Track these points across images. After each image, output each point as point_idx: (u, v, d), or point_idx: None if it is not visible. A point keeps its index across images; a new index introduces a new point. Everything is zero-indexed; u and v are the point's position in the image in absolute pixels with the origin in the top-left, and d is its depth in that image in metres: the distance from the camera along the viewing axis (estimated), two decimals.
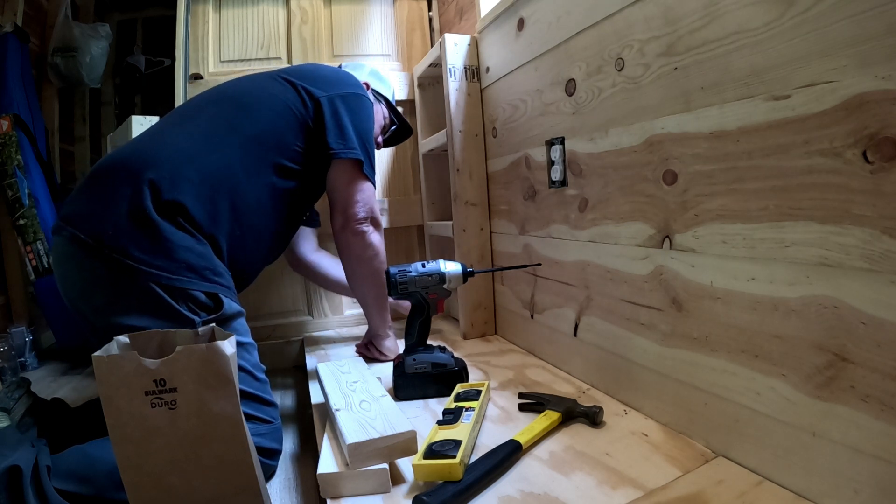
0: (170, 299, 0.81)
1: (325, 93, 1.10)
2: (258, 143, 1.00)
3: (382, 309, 1.24)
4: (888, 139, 0.48)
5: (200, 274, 0.85)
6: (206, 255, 0.88)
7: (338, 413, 0.78)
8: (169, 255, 0.82)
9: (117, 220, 0.81)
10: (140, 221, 0.82)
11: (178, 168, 0.88)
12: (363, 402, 0.82)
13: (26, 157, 1.79)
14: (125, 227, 0.81)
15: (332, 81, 1.14)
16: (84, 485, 0.70)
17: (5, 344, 1.60)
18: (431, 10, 1.81)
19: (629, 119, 0.83)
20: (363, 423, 0.73)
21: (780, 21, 0.57)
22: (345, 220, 1.14)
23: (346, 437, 0.69)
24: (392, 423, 0.72)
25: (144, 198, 0.83)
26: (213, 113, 1.01)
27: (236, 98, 1.04)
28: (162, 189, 0.84)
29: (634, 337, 0.86)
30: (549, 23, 1.03)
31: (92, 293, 0.83)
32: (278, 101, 1.06)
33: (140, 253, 0.80)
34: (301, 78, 1.11)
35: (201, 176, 0.90)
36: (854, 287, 0.52)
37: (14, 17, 1.90)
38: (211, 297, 0.86)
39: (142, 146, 0.94)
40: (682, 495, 0.61)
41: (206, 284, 0.85)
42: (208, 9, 1.60)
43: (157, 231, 0.82)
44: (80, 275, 0.83)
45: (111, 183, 0.85)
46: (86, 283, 0.83)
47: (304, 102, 1.08)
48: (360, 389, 0.87)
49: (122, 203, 0.82)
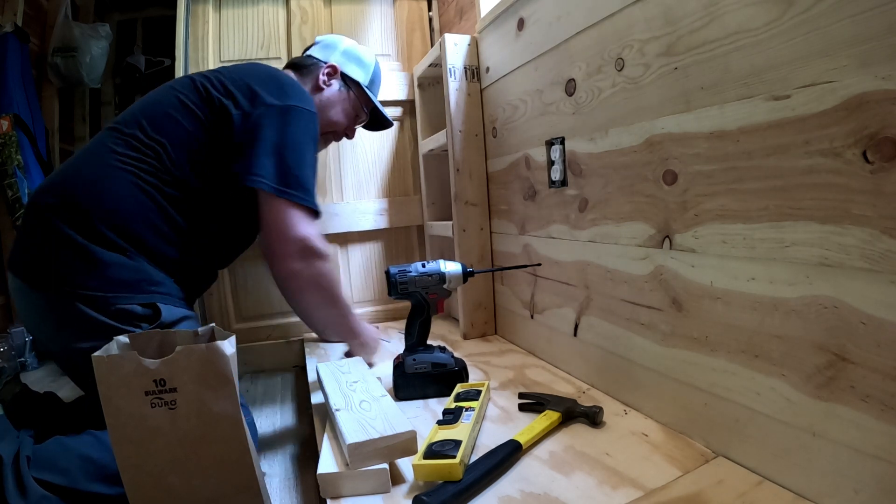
0: (106, 318, 0.83)
1: (251, 108, 0.97)
2: (170, 177, 0.93)
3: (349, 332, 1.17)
4: (888, 139, 0.48)
5: (135, 287, 0.87)
6: (140, 268, 0.88)
7: (338, 413, 0.77)
8: (100, 274, 0.84)
9: (45, 250, 0.85)
10: (66, 248, 0.84)
11: (94, 198, 0.88)
12: (363, 402, 0.81)
13: (26, 157, 1.79)
14: (56, 256, 0.84)
15: (272, 90, 1.00)
16: (60, 475, 0.72)
17: (5, 344, 1.60)
18: (431, 10, 1.81)
19: (629, 119, 0.83)
20: (363, 424, 0.72)
21: (780, 21, 0.57)
22: (273, 261, 1.03)
23: (346, 437, 0.69)
24: (392, 423, 0.72)
25: (63, 227, 0.85)
26: (127, 140, 0.94)
27: (153, 121, 0.95)
28: (80, 218, 0.86)
29: (634, 337, 0.86)
30: (549, 23, 1.03)
31: (41, 325, 0.88)
32: (194, 122, 0.96)
33: (73, 277, 0.83)
34: (221, 85, 1.00)
35: (118, 206, 0.88)
36: (854, 287, 0.52)
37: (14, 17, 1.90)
38: (149, 307, 0.87)
39: (59, 178, 0.93)
40: (682, 495, 0.61)
41: (142, 296, 0.87)
42: (208, 9, 1.60)
43: (85, 254, 0.84)
44: (29, 309, 0.88)
45: (32, 218, 0.88)
46: (36, 316, 0.88)
47: (215, 114, 0.97)
48: (361, 389, 0.87)
49: (45, 235, 0.85)
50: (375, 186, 1.72)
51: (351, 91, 1.24)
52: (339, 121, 1.24)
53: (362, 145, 1.70)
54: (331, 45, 1.24)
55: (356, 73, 1.24)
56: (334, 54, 1.23)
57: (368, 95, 1.26)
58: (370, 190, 1.71)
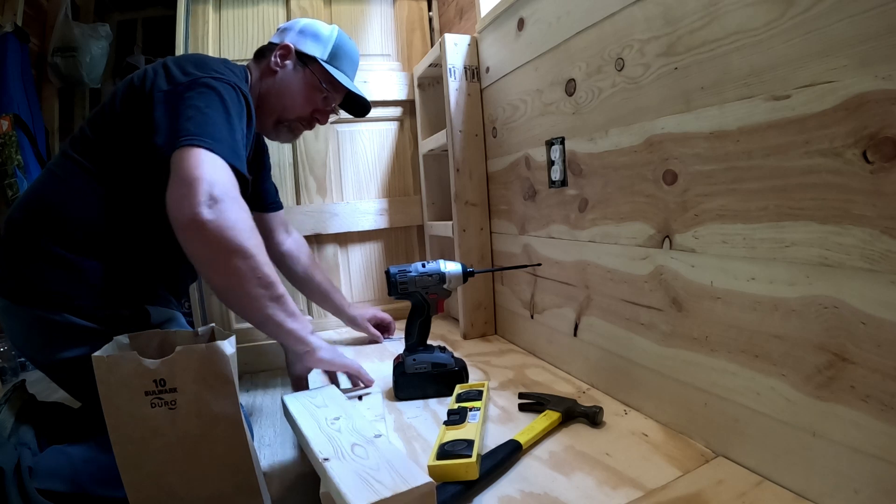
0: (93, 324, 0.82)
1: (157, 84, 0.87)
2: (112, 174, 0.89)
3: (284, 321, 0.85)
4: (888, 139, 0.48)
5: (119, 292, 0.86)
6: (121, 272, 0.88)
7: (327, 464, 0.62)
8: (82, 282, 0.84)
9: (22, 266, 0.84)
10: (42, 260, 0.83)
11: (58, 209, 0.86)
12: (355, 445, 0.66)
13: (26, 157, 1.79)
14: (36, 269, 0.83)
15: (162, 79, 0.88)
16: (66, 483, 0.71)
17: (5, 344, 1.60)
18: (431, 10, 1.81)
19: (629, 119, 0.83)
20: (365, 477, 0.58)
21: (780, 21, 0.57)
22: (176, 222, 0.76)
23: (348, 499, 0.54)
24: (401, 473, 0.58)
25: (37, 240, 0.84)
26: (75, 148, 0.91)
27: (91, 128, 0.91)
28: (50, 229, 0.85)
29: (634, 337, 0.86)
30: (549, 23, 1.03)
31: (28, 338, 0.87)
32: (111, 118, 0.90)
33: (56, 287, 0.82)
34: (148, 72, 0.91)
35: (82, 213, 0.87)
36: (854, 287, 0.52)
37: (14, 17, 1.90)
38: (136, 310, 0.87)
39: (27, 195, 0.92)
40: (682, 495, 0.61)
41: (128, 300, 0.87)
42: (208, 9, 1.60)
43: (64, 264, 0.83)
44: (16, 325, 0.87)
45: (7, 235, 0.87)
46: (21, 329, 0.87)
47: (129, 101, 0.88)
48: (346, 428, 0.72)
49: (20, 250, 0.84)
50: (375, 186, 1.72)
51: (308, 68, 1.09)
52: (300, 104, 1.10)
53: (362, 145, 1.70)
54: (288, 28, 1.13)
55: (312, 48, 1.10)
56: (290, 34, 1.11)
57: (326, 69, 1.10)
58: (370, 190, 1.71)
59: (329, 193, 1.66)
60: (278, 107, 1.08)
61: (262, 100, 1.08)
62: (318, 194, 1.65)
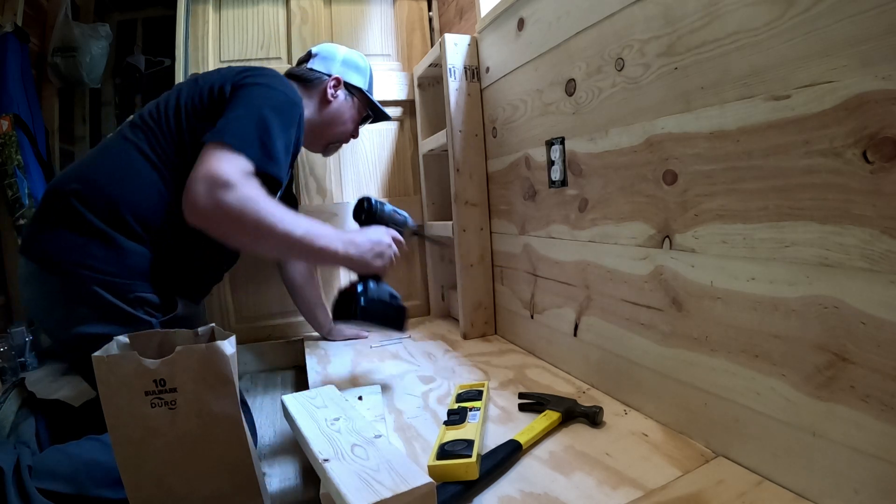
0: (123, 304, 0.84)
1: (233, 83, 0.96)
2: (182, 165, 0.91)
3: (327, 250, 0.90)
4: (888, 139, 0.48)
5: (153, 277, 0.88)
6: (158, 261, 0.90)
7: (327, 465, 0.63)
8: (120, 261, 0.85)
9: (65, 235, 0.85)
10: (89, 234, 0.85)
11: (114, 187, 0.89)
12: (355, 446, 0.67)
13: (26, 157, 1.79)
14: (75, 241, 0.84)
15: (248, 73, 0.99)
16: (67, 483, 0.71)
17: (5, 344, 1.60)
18: (431, 10, 1.81)
19: (629, 119, 0.83)
20: (365, 478, 0.58)
21: (780, 21, 0.57)
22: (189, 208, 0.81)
23: (348, 499, 0.55)
24: (401, 473, 0.59)
25: (86, 213, 0.85)
26: (143, 134, 0.95)
27: (163, 115, 0.96)
28: (102, 206, 0.86)
29: (634, 337, 0.86)
30: (549, 23, 1.03)
31: (52, 308, 0.87)
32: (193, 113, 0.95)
33: (92, 261, 0.83)
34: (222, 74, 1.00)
35: (137, 195, 0.89)
36: (854, 287, 0.52)
37: (14, 17, 1.90)
38: (165, 298, 0.88)
39: (81, 168, 0.94)
40: (682, 495, 0.61)
41: (160, 287, 0.88)
42: (208, 9, 1.60)
43: (108, 240, 0.85)
44: (40, 293, 0.88)
45: (55, 204, 0.88)
46: (45, 299, 0.87)
47: (212, 102, 0.95)
48: (346, 429, 0.72)
49: (68, 220, 0.86)
50: (375, 186, 1.72)
51: (354, 97, 1.29)
52: (349, 128, 1.30)
53: (362, 145, 1.69)
54: (329, 57, 1.26)
55: (356, 79, 1.28)
56: (335, 65, 1.26)
57: (370, 98, 1.31)
58: (370, 190, 1.71)
59: (329, 193, 1.66)
60: (334, 131, 1.26)
61: (319, 125, 1.22)
62: (318, 194, 1.65)
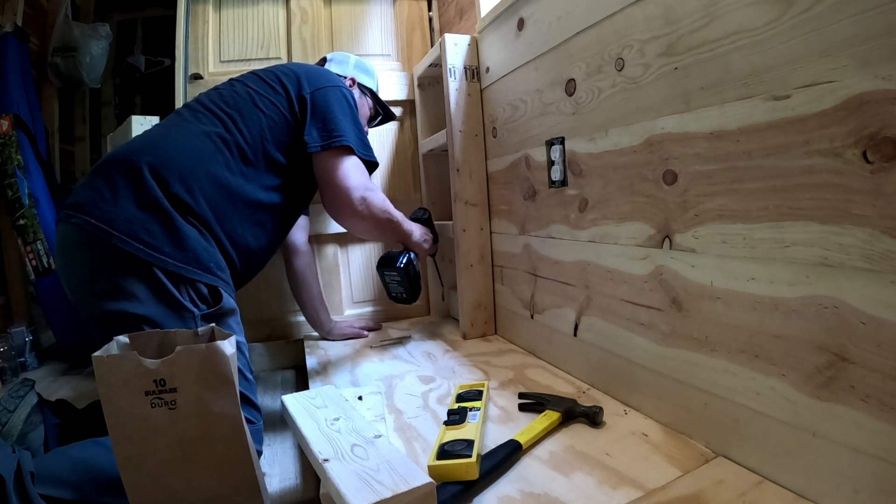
0: (172, 287, 0.83)
1: (310, 89, 1.11)
2: (252, 153, 1.02)
3: (402, 235, 1.29)
4: (888, 139, 0.48)
5: (205, 266, 0.88)
6: (211, 251, 0.91)
7: (327, 465, 0.63)
8: (178, 244, 0.85)
9: (127, 206, 0.84)
10: (151, 210, 0.85)
11: (185, 166, 0.91)
12: (355, 446, 0.67)
13: (26, 157, 1.79)
14: (136, 215, 0.84)
15: (314, 78, 1.15)
16: (68, 489, 0.70)
17: (5, 344, 1.60)
18: (431, 10, 1.81)
19: (629, 119, 0.83)
20: (365, 478, 0.58)
21: (780, 21, 0.57)
22: (334, 215, 1.16)
23: (347, 499, 0.55)
24: (402, 474, 0.58)
25: (154, 189, 0.86)
26: (212, 119, 1.01)
27: (231, 104, 1.04)
28: (171, 183, 0.88)
29: (634, 337, 0.86)
30: (549, 23, 1.03)
31: (95, 279, 0.84)
32: (269, 107, 1.07)
33: (150, 238, 0.83)
34: (289, 76, 1.12)
35: (206, 178, 0.93)
36: (854, 287, 0.52)
37: (14, 17, 1.90)
38: (212, 290, 0.88)
39: (150, 142, 0.96)
40: (682, 495, 0.61)
41: (210, 277, 0.88)
42: (208, 9, 1.60)
43: (168, 220, 0.86)
44: (85, 261, 0.84)
45: (120, 174, 0.87)
46: (90, 268, 0.84)
47: (290, 103, 1.09)
48: (346, 429, 0.73)
49: (133, 192, 0.86)
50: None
51: (367, 97, 1.38)
52: (363, 124, 1.34)
53: None
54: (343, 61, 1.37)
55: (367, 81, 1.38)
56: (349, 68, 1.36)
57: (380, 99, 1.42)
58: None
59: None
60: None
61: None
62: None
